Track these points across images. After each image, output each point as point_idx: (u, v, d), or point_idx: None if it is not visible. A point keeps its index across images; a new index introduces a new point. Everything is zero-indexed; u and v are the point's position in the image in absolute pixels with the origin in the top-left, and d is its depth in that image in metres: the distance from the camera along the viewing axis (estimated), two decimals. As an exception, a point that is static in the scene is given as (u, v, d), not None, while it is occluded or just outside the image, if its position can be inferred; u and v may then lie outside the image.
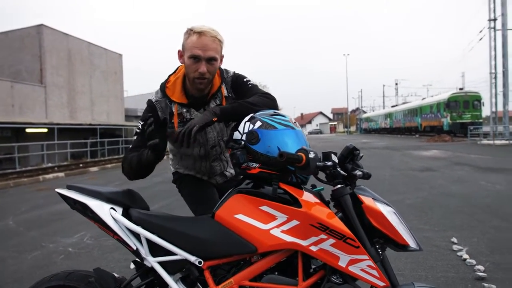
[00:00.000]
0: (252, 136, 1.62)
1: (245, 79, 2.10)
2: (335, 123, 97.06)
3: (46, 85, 22.38)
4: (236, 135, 1.69)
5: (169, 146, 2.30)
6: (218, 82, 2.04)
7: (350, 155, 1.60)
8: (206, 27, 1.89)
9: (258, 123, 1.64)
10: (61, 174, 14.89)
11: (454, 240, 4.20)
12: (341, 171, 1.55)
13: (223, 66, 2.11)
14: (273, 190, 1.56)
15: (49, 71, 22.68)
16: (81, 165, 19.04)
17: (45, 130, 21.29)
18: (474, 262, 3.52)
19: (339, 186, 1.56)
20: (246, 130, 1.65)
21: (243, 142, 1.64)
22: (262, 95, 1.95)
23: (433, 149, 18.75)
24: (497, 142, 20.67)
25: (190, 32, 1.89)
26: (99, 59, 27.50)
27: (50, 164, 19.16)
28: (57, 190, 1.90)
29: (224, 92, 2.06)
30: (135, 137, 1.98)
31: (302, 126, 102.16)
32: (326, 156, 1.55)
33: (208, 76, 1.91)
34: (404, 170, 10.71)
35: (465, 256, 3.69)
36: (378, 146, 22.66)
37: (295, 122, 1.71)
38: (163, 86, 2.06)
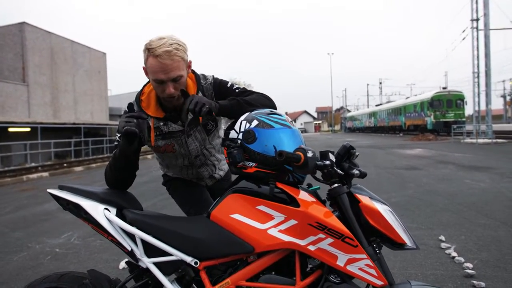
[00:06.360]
0: (249, 135, 1.61)
1: (228, 85, 1.99)
2: (320, 122, 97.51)
3: (28, 84, 22.03)
4: (232, 134, 1.67)
5: (155, 155, 2.27)
6: (194, 91, 1.93)
7: (346, 154, 1.60)
8: (162, 45, 1.71)
9: (255, 122, 1.63)
10: (45, 174, 14.65)
11: (442, 238, 4.25)
12: (338, 170, 1.56)
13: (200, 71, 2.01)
14: (270, 190, 1.55)
15: (31, 69, 22.33)
16: (65, 164, 18.76)
17: (28, 129, 20.94)
18: (462, 259, 3.56)
19: (336, 185, 1.56)
20: (242, 129, 1.64)
21: (239, 141, 1.63)
22: (260, 95, 1.92)
23: (417, 147, 18.98)
24: (480, 140, 20.99)
25: (147, 53, 1.75)
26: (82, 57, 27.17)
27: (33, 164, 18.83)
28: (49, 190, 1.86)
29: None
30: (114, 150, 1.90)
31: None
32: (324, 155, 1.55)
33: (177, 94, 1.82)
34: (390, 169, 10.80)
35: (454, 254, 3.73)
36: (363, 145, 22.81)
37: (291, 121, 1.70)
38: (138, 99, 1.96)
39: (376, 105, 56.00)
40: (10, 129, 20.20)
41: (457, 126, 26.14)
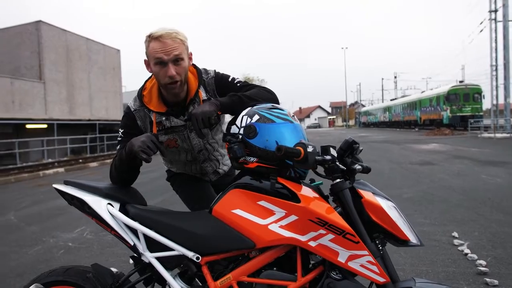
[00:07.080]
0: (250, 130, 1.59)
1: (230, 79, 1.98)
2: (334, 117, 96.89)
3: (45, 81, 22.29)
4: (234, 129, 1.66)
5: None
6: (195, 85, 1.92)
7: (349, 149, 1.57)
8: (164, 29, 1.77)
9: (256, 117, 1.62)
10: (61, 170, 14.87)
11: (455, 234, 4.18)
12: (340, 165, 1.53)
13: (201, 66, 2.00)
14: (271, 185, 1.54)
15: (47, 67, 22.58)
16: (80, 160, 19.04)
17: (45, 126, 21.25)
18: (475, 256, 3.49)
19: (338, 180, 1.54)
20: (243, 124, 1.63)
21: (240, 136, 1.62)
22: (262, 89, 1.90)
23: (432, 142, 18.73)
24: (498, 135, 20.62)
25: (148, 39, 1.79)
26: (97, 54, 27.38)
27: (50, 160, 19.16)
28: (54, 185, 1.89)
29: (202, 96, 1.94)
30: (118, 146, 1.92)
31: (301, 120, 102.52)
32: (325, 150, 1.53)
33: (179, 78, 1.80)
34: (404, 164, 10.69)
35: (466, 250, 3.67)
36: (377, 140, 22.62)
37: (293, 116, 1.68)
38: (140, 94, 1.94)
39: (391, 100, 55.36)
40: (28, 126, 20.55)
41: (474, 120, 25.70)
